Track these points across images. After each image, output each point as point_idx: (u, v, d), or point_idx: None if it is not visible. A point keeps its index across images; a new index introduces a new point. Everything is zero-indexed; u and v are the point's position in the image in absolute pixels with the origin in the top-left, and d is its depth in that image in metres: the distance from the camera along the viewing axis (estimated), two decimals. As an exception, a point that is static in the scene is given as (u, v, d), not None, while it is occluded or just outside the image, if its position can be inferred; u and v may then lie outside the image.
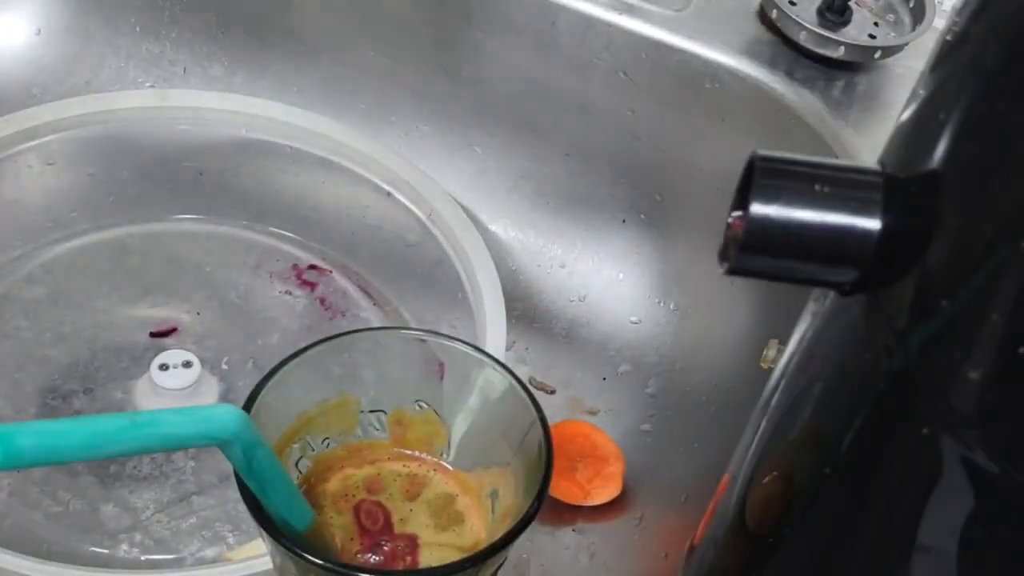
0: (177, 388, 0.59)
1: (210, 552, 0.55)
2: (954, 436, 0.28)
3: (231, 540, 0.56)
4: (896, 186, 0.29)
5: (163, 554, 0.55)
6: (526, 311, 0.69)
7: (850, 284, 0.30)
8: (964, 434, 0.28)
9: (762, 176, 0.29)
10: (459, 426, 0.42)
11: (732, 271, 0.30)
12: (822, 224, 0.29)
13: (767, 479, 0.37)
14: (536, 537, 0.58)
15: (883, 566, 0.32)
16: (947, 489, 0.29)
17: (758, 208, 0.29)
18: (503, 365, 0.41)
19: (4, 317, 0.63)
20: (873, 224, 0.29)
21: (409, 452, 0.43)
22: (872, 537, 0.32)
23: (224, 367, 0.62)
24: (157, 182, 0.70)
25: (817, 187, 0.29)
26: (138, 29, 0.75)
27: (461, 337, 0.43)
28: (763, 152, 0.30)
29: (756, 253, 0.29)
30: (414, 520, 0.41)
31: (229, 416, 0.35)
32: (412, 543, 0.40)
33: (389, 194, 0.67)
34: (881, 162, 0.31)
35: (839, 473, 0.33)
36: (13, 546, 0.50)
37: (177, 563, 0.55)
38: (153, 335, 0.63)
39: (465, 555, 0.39)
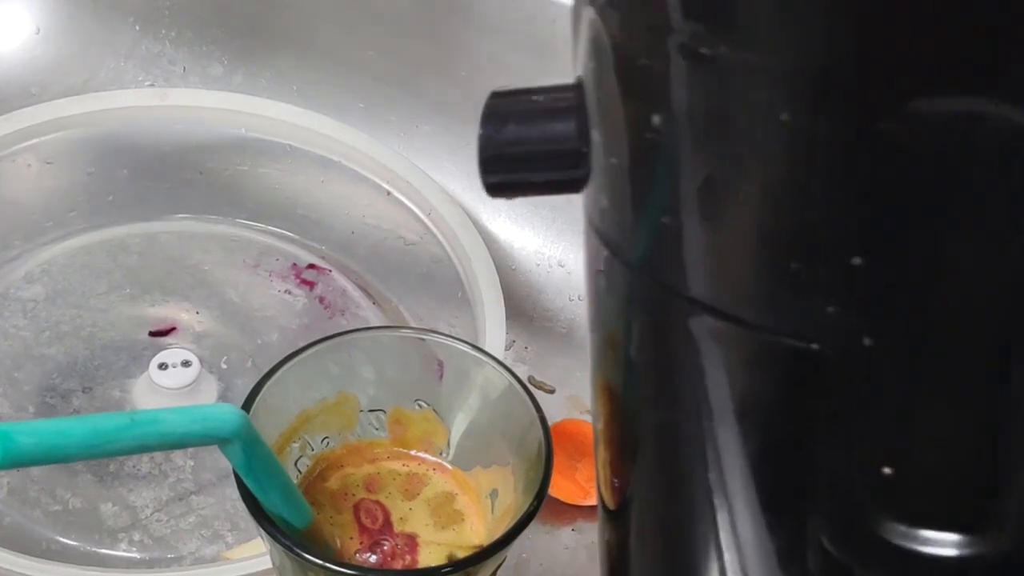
0: (176, 387, 0.59)
1: (209, 551, 0.55)
2: (688, 307, 0.30)
3: (230, 539, 0.56)
4: (581, 90, 0.33)
5: (162, 553, 0.55)
6: (525, 310, 0.69)
7: (582, 182, 0.33)
8: (691, 307, 0.30)
9: (488, 105, 0.33)
10: (458, 425, 0.42)
11: (488, 192, 0.34)
12: (531, 132, 0.33)
13: (601, 413, 0.38)
14: (535, 536, 0.58)
15: (700, 457, 0.33)
16: (714, 362, 0.31)
17: (483, 129, 0.33)
18: (502, 364, 0.41)
19: (3, 316, 0.63)
20: (569, 126, 0.32)
21: (408, 451, 0.43)
22: (687, 433, 0.34)
23: (223, 366, 0.62)
24: (156, 181, 0.70)
25: (534, 98, 0.33)
26: (137, 28, 0.75)
27: (460, 336, 0.43)
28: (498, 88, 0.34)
29: (493, 170, 0.33)
30: (413, 519, 0.41)
31: (228, 415, 0.35)
32: (411, 542, 0.40)
33: (388, 193, 0.67)
34: None
35: (641, 379, 0.35)
36: (12, 545, 0.50)
37: (176, 562, 0.55)
38: (152, 334, 0.63)
39: (464, 554, 0.39)
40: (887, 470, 0.29)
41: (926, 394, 0.29)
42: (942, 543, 0.30)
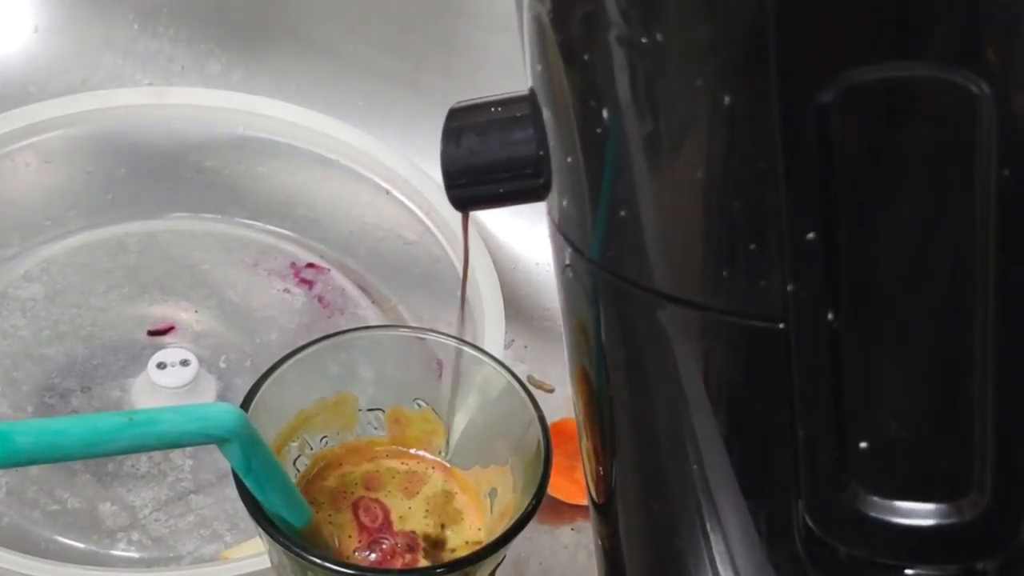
0: (175, 386, 0.59)
1: (208, 550, 0.55)
2: (652, 297, 0.31)
3: (229, 538, 0.55)
4: (536, 98, 0.33)
5: (161, 552, 0.55)
6: (524, 309, 0.69)
7: (544, 189, 0.34)
8: (656, 297, 0.31)
9: (447, 120, 0.35)
10: (458, 424, 0.42)
11: (455, 206, 0.35)
12: (490, 143, 0.34)
13: (583, 408, 0.38)
14: (535, 536, 0.58)
15: (678, 444, 0.34)
16: (683, 349, 0.32)
17: (444, 145, 0.34)
18: (502, 363, 0.41)
19: (1, 315, 0.63)
20: (527, 134, 0.33)
21: (408, 450, 0.43)
22: (664, 421, 0.34)
23: (222, 365, 0.62)
24: (155, 180, 0.70)
25: (492, 110, 0.34)
26: (136, 26, 0.75)
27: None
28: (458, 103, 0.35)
29: (457, 184, 0.34)
30: (413, 518, 0.41)
31: (227, 414, 0.35)
32: (411, 541, 0.40)
33: (388, 192, 0.67)
34: None
35: (613, 369, 0.35)
36: (11, 544, 0.50)
37: (175, 561, 0.54)
38: (151, 333, 0.63)
39: (464, 553, 0.39)
40: (863, 444, 0.30)
41: (893, 363, 0.29)
42: (921, 513, 0.30)
